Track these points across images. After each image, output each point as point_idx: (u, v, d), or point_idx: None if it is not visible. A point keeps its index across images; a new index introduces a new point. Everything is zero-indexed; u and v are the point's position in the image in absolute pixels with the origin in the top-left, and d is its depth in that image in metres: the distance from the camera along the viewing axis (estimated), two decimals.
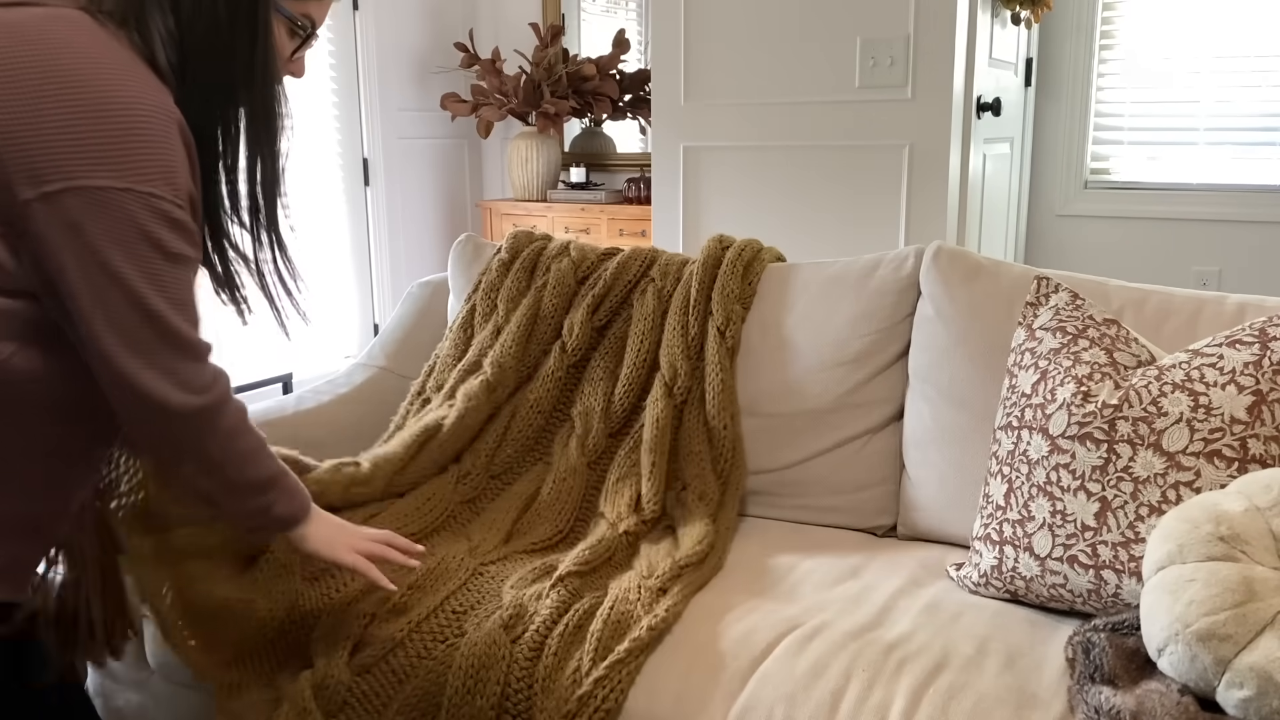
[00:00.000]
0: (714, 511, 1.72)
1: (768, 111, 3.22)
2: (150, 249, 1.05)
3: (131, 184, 1.03)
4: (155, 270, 1.06)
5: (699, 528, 1.65)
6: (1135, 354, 1.46)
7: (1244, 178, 3.68)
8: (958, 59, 2.98)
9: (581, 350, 1.91)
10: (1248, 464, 1.31)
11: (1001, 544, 1.46)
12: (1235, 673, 1.11)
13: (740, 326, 1.88)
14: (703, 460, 1.80)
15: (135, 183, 1.03)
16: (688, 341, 1.87)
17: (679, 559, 1.55)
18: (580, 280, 1.98)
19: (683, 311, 1.89)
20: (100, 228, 1.02)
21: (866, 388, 1.80)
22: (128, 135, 1.03)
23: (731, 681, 1.31)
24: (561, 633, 1.38)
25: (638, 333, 1.90)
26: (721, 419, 1.82)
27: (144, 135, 1.04)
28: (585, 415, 1.84)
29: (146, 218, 1.04)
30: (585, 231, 4.10)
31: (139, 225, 1.04)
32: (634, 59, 4.34)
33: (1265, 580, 1.14)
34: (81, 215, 1.01)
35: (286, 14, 1.20)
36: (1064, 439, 1.40)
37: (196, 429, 1.15)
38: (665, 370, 1.85)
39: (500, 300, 1.99)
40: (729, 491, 1.79)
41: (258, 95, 1.17)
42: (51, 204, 1.00)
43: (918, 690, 1.25)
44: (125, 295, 1.05)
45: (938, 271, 1.76)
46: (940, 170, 3.03)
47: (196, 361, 1.13)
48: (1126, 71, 3.79)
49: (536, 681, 1.33)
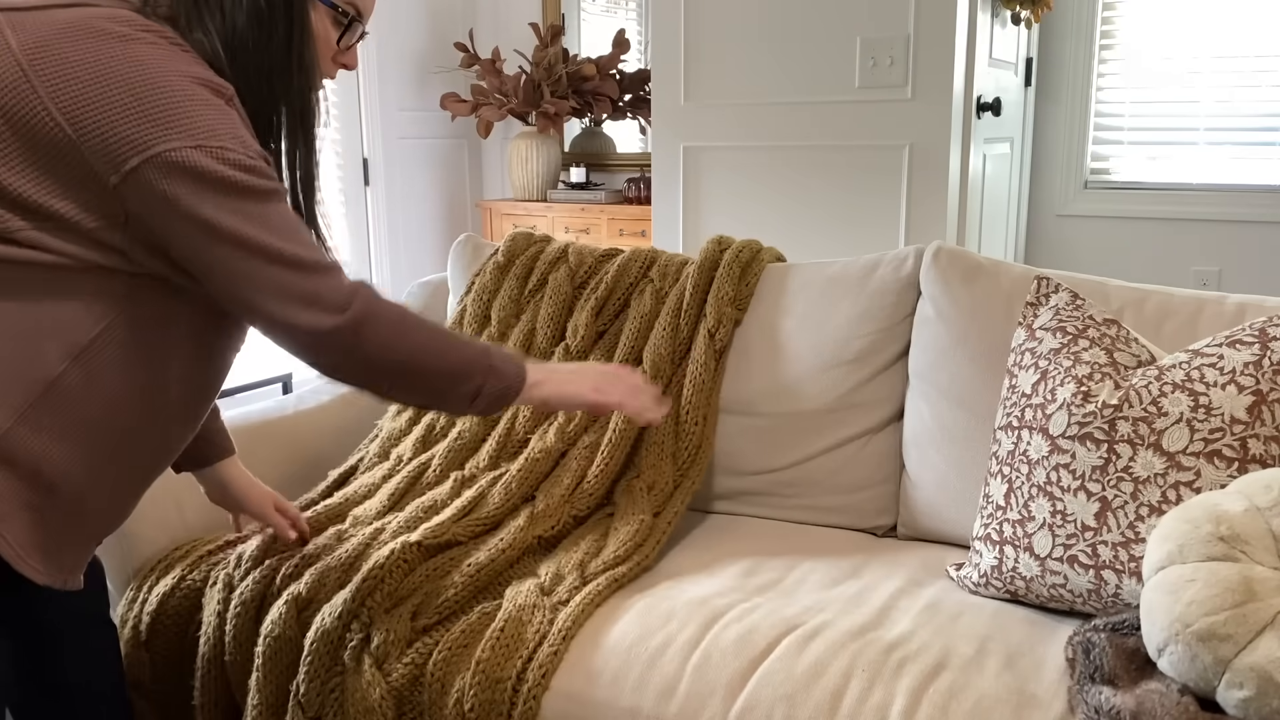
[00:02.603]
0: (660, 505, 1.71)
1: (767, 111, 3.22)
2: (237, 195, 1.09)
3: (200, 141, 1.07)
4: (250, 211, 1.09)
5: (634, 524, 1.63)
6: (1135, 354, 1.46)
7: (1244, 178, 3.68)
8: (958, 59, 2.98)
9: (585, 352, 1.91)
10: (1248, 464, 1.31)
11: (1001, 544, 1.46)
12: (1235, 673, 1.11)
13: (731, 329, 1.87)
14: (663, 452, 1.78)
15: (203, 139, 1.07)
16: (676, 342, 1.87)
17: (591, 568, 1.53)
18: (579, 286, 1.98)
19: (674, 313, 1.89)
20: (185, 188, 1.06)
21: (866, 388, 1.80)
22: (186, 101, 1.07)
23: (731, 681, 1.31)
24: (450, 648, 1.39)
25: (630, 332, 1.89)
26: (694, 416, 1.80)
27: (198, 102, 1.08)
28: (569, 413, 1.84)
29: (221, 168, 1.07)
30: (585, 231, 4.10)
31: (218, 175, 1.07)
32: (634, 59, 4.34)
33: (1265, 580, 1.14)
34: (165, 181, 1.06)
35: (329, 2, 1.22)
36: (1064, 439, 1.40)
37: (355, 345, 1.15)
38: (647, 366, 1.85)
39: (494, 310, 1.99)
40: (683, 486, 1.76)
41: (295, 86, 1.20)
42: (136, 180, 1.06)
43: (918, 690, 1.25)
44: (234, 243, 1.09)
45: (938, 271, 1.76)
46: (940, 170, 3.03)
47: (328, 277, 1.14)
48: (1126, 71, 3.79)
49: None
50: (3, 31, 1.07)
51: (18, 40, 1.06)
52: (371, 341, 1.16)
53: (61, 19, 1.08)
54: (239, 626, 1.48)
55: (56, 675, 1.34)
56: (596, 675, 1.36)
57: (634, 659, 1.36)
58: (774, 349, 1.85)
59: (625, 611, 1.44)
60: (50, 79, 1.05)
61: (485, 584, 1.51)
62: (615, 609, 1.45)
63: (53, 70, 1.05)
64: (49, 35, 1.07)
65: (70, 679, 1.35)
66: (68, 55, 1.06)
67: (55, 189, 1.06)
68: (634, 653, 1.37)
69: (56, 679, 1.33)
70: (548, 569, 1.53)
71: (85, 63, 1.06)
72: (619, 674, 1.36)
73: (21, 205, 1.06)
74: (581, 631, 1.42)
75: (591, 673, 1.37)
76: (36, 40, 1.06)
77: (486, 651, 1.36)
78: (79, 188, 1.06)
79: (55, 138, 1.05)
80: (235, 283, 1.10)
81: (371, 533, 1.58)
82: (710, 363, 1.84)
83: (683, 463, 1.79)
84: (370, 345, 1.16)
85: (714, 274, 1.92)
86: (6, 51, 1.06)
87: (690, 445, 1.80)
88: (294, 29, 1.18)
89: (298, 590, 1.47)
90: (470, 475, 1.74)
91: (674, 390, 1.85)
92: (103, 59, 1.06)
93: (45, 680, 1.34)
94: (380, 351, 1.17)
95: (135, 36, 1.08)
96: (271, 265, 1.11)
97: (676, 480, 1.77)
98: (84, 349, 1.11)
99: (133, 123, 1.05)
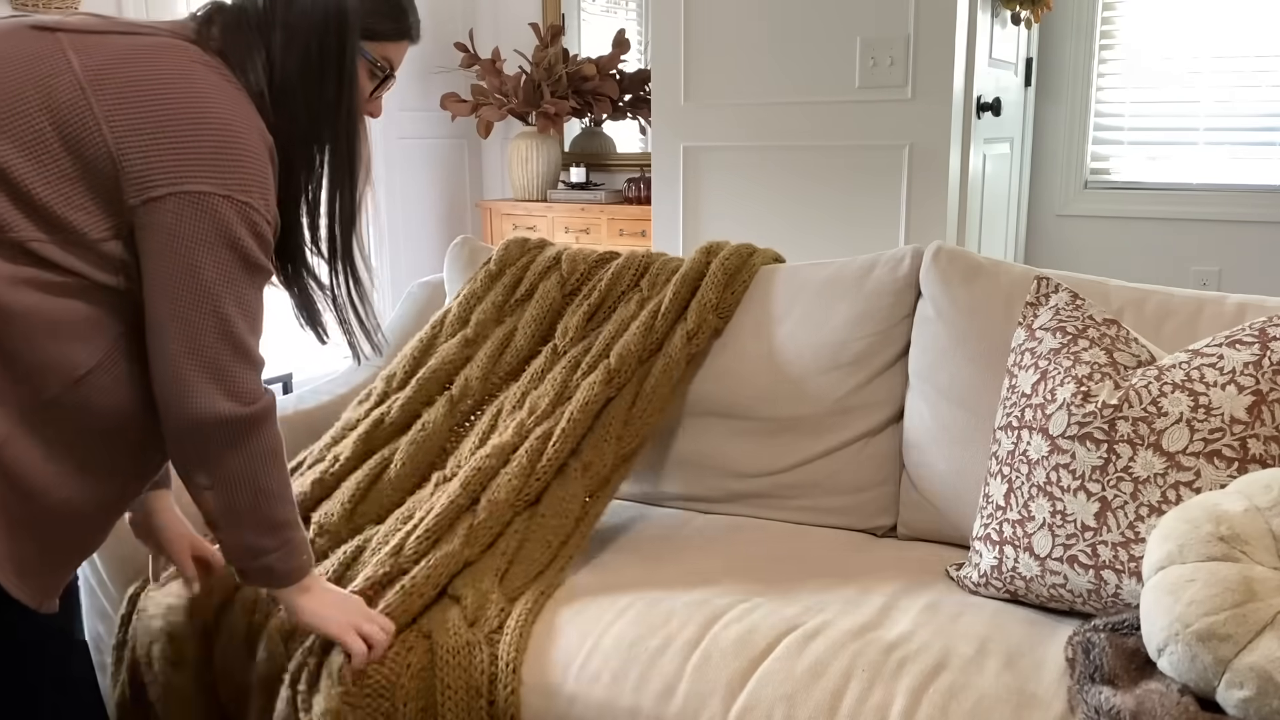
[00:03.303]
0: (595, 488, 1.69)
1: (768, 111, 3.22)
2: (234, 255, 1.13)
3: (231, 191, 1.12)
4: (233, 276, 1.14)
5: (558, 523, 1.61)
6: (1135, 354, 1.46)
7: (1244, 178, 3.68)
8: (958, 59, 2.98)
9: (568, 351, 1.90)
10: (1248, 464, 1.31)
11: (1001, 544, 1.46)
12: (1235, 673, 1.11)
13: (710, 337, 1.87)
14: (608, 437, 1.73)
15: (234, 191, 1.12)
16: (648, 342, 1.84)
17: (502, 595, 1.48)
18: (569, 294, 1.97)
19: (651, 316, 1.87)
20: (193, 229, 1.11)
21: (866, 389, 1.80)
22: (230, 148, 1.12)
23: (731, 681, 1.31)
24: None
25: (607, 334, 1.88)
26: (652, 404, 1.77)
27: (245, 151, 1.13)
28: (532, 399, 1.79)
29: (237, 224, 1.13)
30: (585, 232, 4.10)
31: (229, 230, 1.12)
32: (634, 59, 4.34)
33: (1265, 580, 1.14)
34: (179, 217, 1.10)
35: (368, 57, 1.28)
36: (1064, 439, 1.40)
37: (227, 438, 1.17)
38: (613, 359, 1.81)
39: (475, 315, 1.96)
40: (619, 470, 1.73)
41: (341, 133, 1.25)
42: (156, 207, 1.10)
43: (918, 690, 1.25)
44: (200, 293, 1.12)
45: (938, 272, 1.76)
46: (940, 170, 3.03)
47: (249, 370, 1.17)
48: (1126, 71, 3.79)
49: None
50: (66, 52, 1.12)
51: (80, 61, 1.11)
52: (240, 445, 1.18)
53: (124, 44, 1.13)
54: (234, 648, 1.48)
55: (25, 696, 1.26)
56: (597, 676, 1.36)
57: (634, 659, 1.36)
58: (772, 352, 1.85)
59: (624, 613, 1.44)
60: (108, 101, 1.10)
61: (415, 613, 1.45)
62: (615, 607, 1.45)
63: (112, 93, 1.10)
64: (111, 58, 1.12)
65: (40, 700, 1.27)
66: (128, 79, 1.11)
67: (77, 200, 1.09)
68: (634, 653, 1.37)
69: (25, 700, 1.25)
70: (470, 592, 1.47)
71: (143, 89, 1.11)
72: (619, 674, 1.36)
73: (43, 215, 1.09)
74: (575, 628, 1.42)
75: (592, 673, 1.37)
76: (99, 62, 1.11)
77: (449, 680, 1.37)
78: (98, 201, 1.10)
79: (100, 155, 1.09)
80: (175, 327, 1.12)
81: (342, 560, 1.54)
82: (682, 360, 1.82)
83: (625, 452, 1.74)
84: (236, 448, 1.18)
85: (699, 283, 1.91)
86: (69, 71, 1.11)
87: (635, 433, 1.75)
88: (343, 78, 1.23)
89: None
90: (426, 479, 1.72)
91: (635, 385, 1.81)
92: (160, 87, 1.11)
93: (13, 702, 1.26)
94: (238, 458, 1.19)
95: (193, 70, 1.13)
96: (217, 330, 1.14)
97: (616, 463, 1.73)
98: (88, 369, 1.13)
99: (175, 155, 1.10)
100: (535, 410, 1.76)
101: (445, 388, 1.85)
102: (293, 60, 1.20)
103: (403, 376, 1.88)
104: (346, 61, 1.23)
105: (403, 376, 1.88)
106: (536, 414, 1.75)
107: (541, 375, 1.85)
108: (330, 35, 1.21)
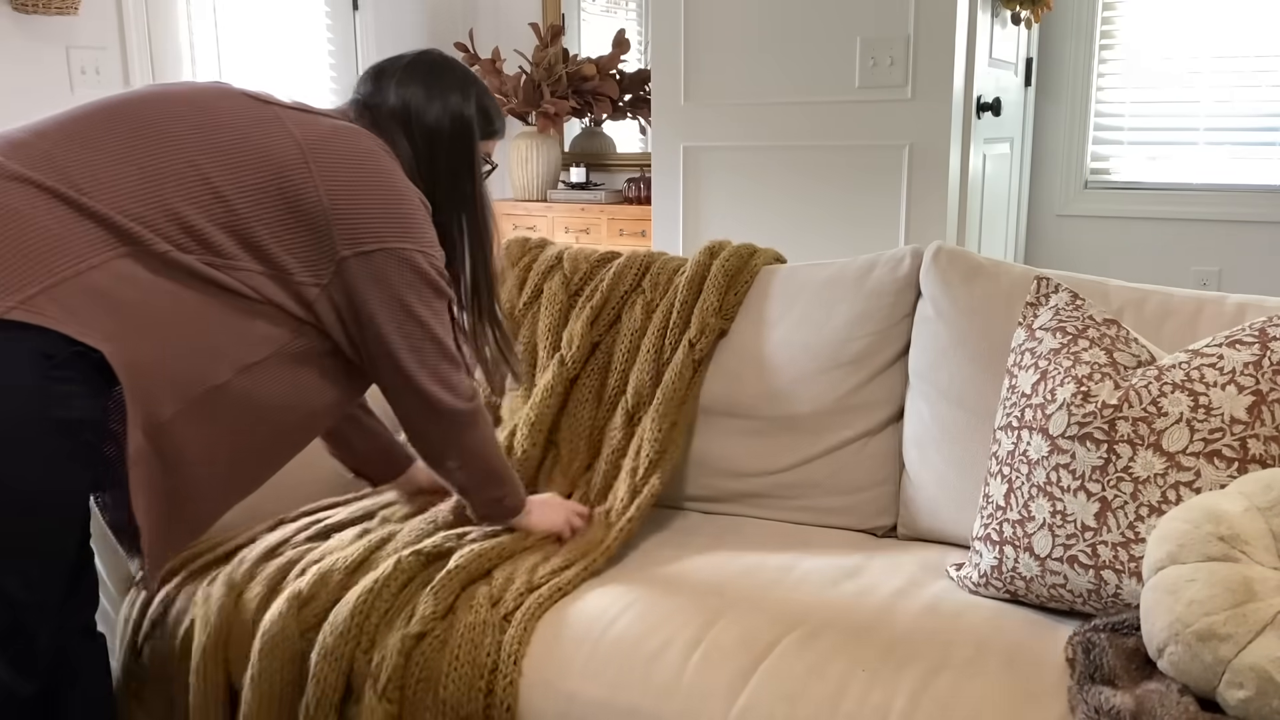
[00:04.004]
0: (617, 514, 1.72)
1: (767, 111, 3.22)
2: (431, 293, 1.46)
3: (422, 248, 1.44)
4: (435, 308, 1.47)
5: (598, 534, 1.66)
6: (1135, 354, 1.46)
7: (1244, 178, 3.68)
8: (958, 59, 2.98)
9: (580, 363, 1.90)
10: (1248, 464, 1.31)
11: (1001, 544, 1.46)
12: (1235, 673, 1.11)
13: (714, 339, 1.87)
14: (635, 469, 1.78)
15: (424, 247, 1.45)
16: (659, 364, 1.87)
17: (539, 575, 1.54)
18: (573, 294, 1.98)
19: (660, 333, 1.89)
20: (400, 277, 1.42)
21: (865, 389, 1.80)
22: (415, 214, 1.44)
23: (732, 681, 1.31)
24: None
25: (620, 352, 1.90)
26: (660, 423, 1.80)
27: (423, 217, 1.46)
28: (571, 443, 1.87)
29: (430, 271, 1.45)
30: (585, 232, 4.10)
31: (425, 275, 1.45)
32: (634, 59, 4.34)
33: (1265, 580, 1.14)
34: (386, 268, 1.41)
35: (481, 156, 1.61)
36: (1064, 439, 1.40)
37: (461, 426, 1.52)
38: (630, 393, 1.86)
39: None
40: (642, 492, 1.75)
41: (474, 211, 1.57)
42: (365, 260, 1.40)
43: (918, 690, 1.25)
44: (418, 324, 1.45)
45: (938, 272, 1.76)
46: (940, 170, 3.03)
47: (462, 373, 1.52)
48: (1126, 71, 3.79)
49: None
50: (286, 124, 1.39)
51: (300, 133, 1.38)
52: (472, 429, 1.54)
53: (326, 124, 1.42)
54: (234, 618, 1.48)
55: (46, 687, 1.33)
56: (596, 674, 1.37)
57: (634, 658, 1.37)
58: (772, 352, 1.85)
59: (624, 612, 1.44)
60: (324, 166, 1.37)
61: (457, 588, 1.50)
62: (615, 606, 1.45)
63: (326, 160, 1.38)
64: (322, 134, 1.40)
65: (58, 690, 1.35)
66: (337, 151, 1.39)
67: (289, 246, 1.36)
68: (634, 652, 1.37)
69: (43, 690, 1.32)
70: (502, 574, 1.54)
71: (350, 160, 1.40)
72: (619, 673, 1.36)
73: (259, 253, 1.35)
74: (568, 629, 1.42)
75: (591, 671, 1.37)
76: (314, 136, 1.39)
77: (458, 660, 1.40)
78: (308, 250, 1.37)
79: (314, 210, 1.36)
80: (403, 353, 1.44)
81: (379, 539, 1.60)
82: (686, 371, 1.84)
83: (637, 484, 1.77)
84: (470, 431, 1.54)
85: (702, 287, 1.91)
86: (290, 139, 1.37)
87: (652, 451, 1.78)
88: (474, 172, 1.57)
89: (299, 588, 1.47)
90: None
91: (651, 405, 1.85)
92: (361, 161, 1.40)
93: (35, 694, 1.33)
94: (473, 438, 1.55)
95: (380, 151, 1.44)
96: (436, 350, 1.47)
97: (635, 488, 1.76)
98: (251, 365, 1.36)
99: (380, 218, 1.40)
100: (572, 461, 1.86)
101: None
102: (435, 159, 1.52)
103: None
104: (474, 157, 1.56)
105: None
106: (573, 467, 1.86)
107: (557, 401, 1.88)
108: (461, 141, 1.54)
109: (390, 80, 1.53)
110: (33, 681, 1.27)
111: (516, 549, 1.60)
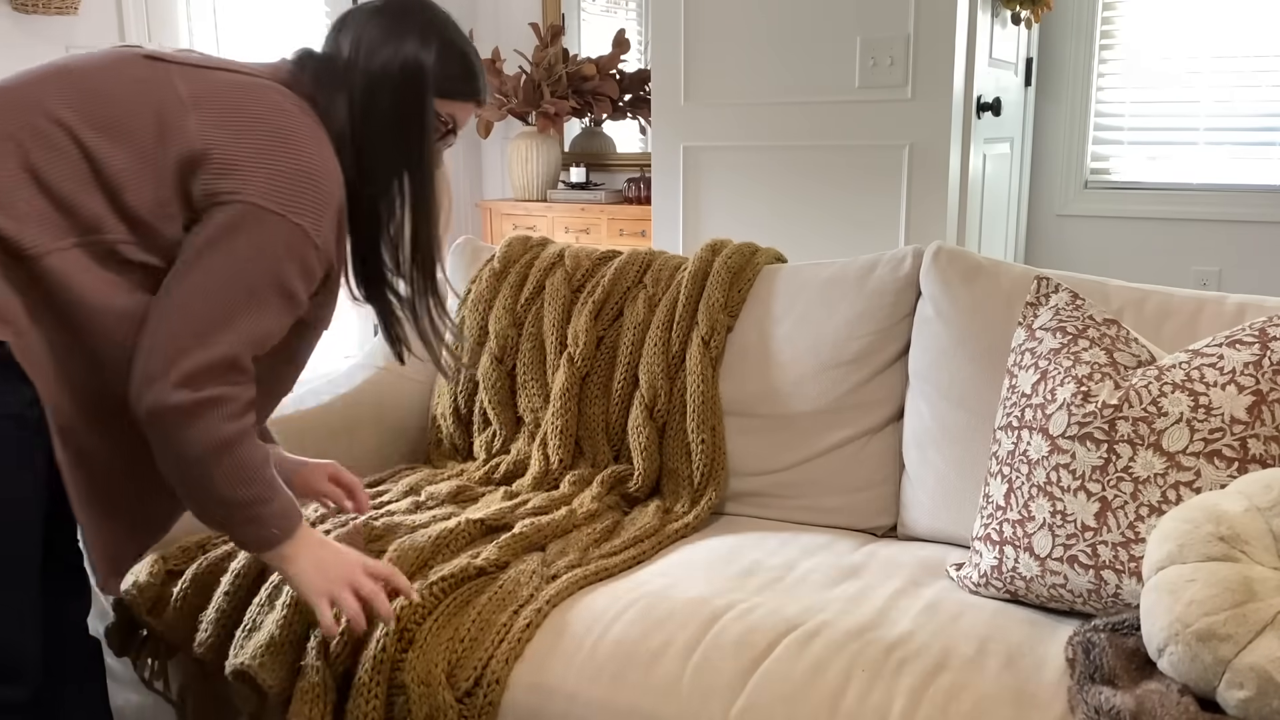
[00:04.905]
0: (679, 529, 1.74)
1: (767, 111, 3.22)
2: (270, 276, 1.22)
3: (290, 217, 1.22)
4: (261, 295, 1.22)
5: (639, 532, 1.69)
6: (1135, 354, 1.46)
7: (1244, 178, 3.68)
8: (958, 59, 2.98)
9: (588, 360, 1.91)
10: (1248, 464, 1.31)
11: (1001, 544, 1.46)
12: (1235, 673, 1.11)
13: (725, 336, 1.88)
14: (679, 477, 1.83)
15: (294, 217, 1.22)
16: (669, 358, 1.87)
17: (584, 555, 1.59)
18: (576, 290, 1.98)
19: (665, 326, 1.89)
20: (248, 237, 1.20)
21: (866, 388, 1.80)
22: (302, 179, 1.23)
23: (732, 681, 1.31)
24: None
25: (625, 345, 1.91)
26: (700, 434, 1.82)
27: (317, 185, 1.24)
28: (591, 440, 1.90)
29: (284, 250, 1.22)
30: (585, 232, 4.10)
31: (276, 253, 1.21)
32: (634, 59, 4.34)
33: (1265, 580, 1.14)
34: (242, 222, 1.20)
35: (439, 115, 1.38)
36: (1064, 439, 1.40)
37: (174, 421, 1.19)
38: (645, 390, 1.86)
39: (491, 323, 2.00)
40: (700, 504, 1.79)
41: (418, 176, 1.35)
42: (227, 205, 1.20)
43: (918, 690, 1.25)
44: (224, 288, 1.20)
45: (938, 272, 1.76)
46: (940, 170, 3.03)
47: (227, 371, 1.21)
48: (1126, 71, 3.79)
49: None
50: (174, 80, 1.24)
51: (187, 90, 1.23)
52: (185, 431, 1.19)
53: (225, 79, 1.26)
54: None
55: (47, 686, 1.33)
56: (596, 673, 1.36)
57: (634, 659, 1.36)
58: (773, 351, 1.85)
59: (624, 612, 1.44)
60: (207, 118, 1.22)
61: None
62: (615, 606, 1.45)
63: (211, 112, 1.22)
64: (213, 88, 1.25)
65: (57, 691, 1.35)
66: (226, 104, 1.23)
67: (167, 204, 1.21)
68: (634, 652, 1.37)
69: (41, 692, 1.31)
70: (556, 547, 1.61)
71: (238, 113, 1.23)
72: (619, 673, 1.36)
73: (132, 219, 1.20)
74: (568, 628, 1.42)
75: (591, 671, 1.37)
76: (204, 90, 1.24)
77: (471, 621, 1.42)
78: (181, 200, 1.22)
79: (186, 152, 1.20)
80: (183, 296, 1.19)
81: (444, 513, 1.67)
82: (708, 373, 1.85)
83: (700, 485, 1.82)
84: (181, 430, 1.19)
85: (705, 283, 1.92)
86: (175, 95, 1.23)
87: (704, 464, 1.82)
88: (423, 129, 1.34)
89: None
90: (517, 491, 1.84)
91: (673, 402, 1.86)
92: (252, 115, 1.23)
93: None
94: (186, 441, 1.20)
95: (285, 107, 1.26)
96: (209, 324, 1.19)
97: (694, 499, 1.81)
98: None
99: (252, 168, 1.21)
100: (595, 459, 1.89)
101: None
102: (375, 112, 1.31)
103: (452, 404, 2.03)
104: (425, 115, 1.33)
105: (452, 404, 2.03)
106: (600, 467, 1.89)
107: (575, 405, 1.90)
108: (410, 90, 1.32)
109: (350, 25, 1.34)
110: (24, 688, 1.24)
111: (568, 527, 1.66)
